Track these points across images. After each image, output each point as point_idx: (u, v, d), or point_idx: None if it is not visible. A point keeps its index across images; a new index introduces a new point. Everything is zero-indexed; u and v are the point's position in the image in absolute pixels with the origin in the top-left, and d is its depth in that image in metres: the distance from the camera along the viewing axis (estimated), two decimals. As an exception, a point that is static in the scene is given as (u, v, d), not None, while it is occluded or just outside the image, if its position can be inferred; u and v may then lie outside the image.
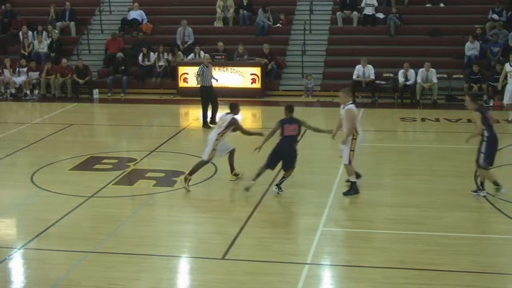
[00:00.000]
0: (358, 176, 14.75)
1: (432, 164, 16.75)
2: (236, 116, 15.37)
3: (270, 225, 12.91)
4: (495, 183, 14.23)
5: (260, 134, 15.51)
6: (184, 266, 11.39)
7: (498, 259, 11.26)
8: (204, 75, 21.18)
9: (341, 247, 11.99)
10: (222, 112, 16.03)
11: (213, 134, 15.29)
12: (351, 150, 14.29)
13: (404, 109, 24.03)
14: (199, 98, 21.40)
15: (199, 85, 21.42)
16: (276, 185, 14.63)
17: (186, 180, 14.87)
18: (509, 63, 22.08)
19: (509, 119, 21.56)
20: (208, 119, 21.11)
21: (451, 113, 21.68)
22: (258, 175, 14.50)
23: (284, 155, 14.51)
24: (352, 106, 14.37)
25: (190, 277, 10.95)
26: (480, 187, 14.26)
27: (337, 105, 14.74)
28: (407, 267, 10.80)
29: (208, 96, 21.19)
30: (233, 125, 15.19)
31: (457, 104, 23.74)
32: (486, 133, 13.84)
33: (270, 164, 14.57)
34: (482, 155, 13.92)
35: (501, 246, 11.88)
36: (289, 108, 14.72)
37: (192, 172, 14.98)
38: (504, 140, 17.73)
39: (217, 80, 22.04)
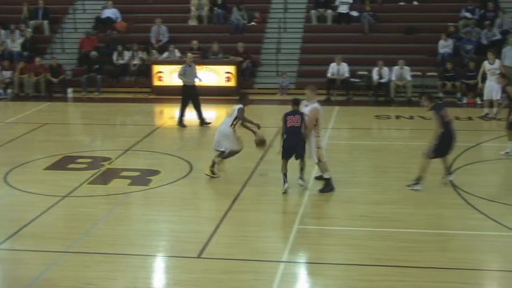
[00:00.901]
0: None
1: (407, 162, 16.82)
2: (243, 106, 15.48)
3: (246, 224, 12.91)
4: (418, 178, 14.46)
5: (257, 126, 15.50)
6: (160, 265, 11.36)
7: (472, 255, 11.34)
8: (186, 74, 21.10)
9: (316, 245, 12.01)
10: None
11: (224, 126, 15.43)
12: (317, 148, 14.31)
13: (378, 106, 24.13)
14: (178, 97, 21.32)
15: (181, 84, 21.29)
16: (299, 177, 14.68)
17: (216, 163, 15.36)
18: (487, 61, 22.19)
19: (493, 115, 21.60)
20: (187, 118, 21.01)
21: (425, 111, 21.74)
22: (285, 175, 14.42)
23: (291, 149, 14.42)
24: (317, 106, 14.39)
25: (166, 276, 10.93)
26: (417, 180, 14.54)
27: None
28: (383, 264, 10.85)
29: (190, 95, 21.10)
30: (241, 114, 15.27)
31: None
32: (440, 129, 14.36)
33: (286, 158, 14.48)
34: (432, 147, 14.40)
35: (475, 242, 11.96)
36: (294, 102, 14.72)
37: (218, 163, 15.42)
38: (477, 137, 17.92)
39: (200, 80, 21.95)
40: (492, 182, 15.73)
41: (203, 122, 21.05)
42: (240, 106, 15.48)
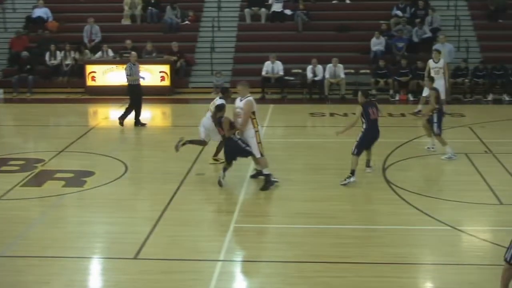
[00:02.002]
0: (260, 174, 14.89)
1: (342, 158, 16.95)
2: (223, 101, 15.61)
3: (182, 223, 12.85)
4: (352, 172, 14.85)
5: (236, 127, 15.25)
6: (96, 267, 11.23)
7: (407, 250, 11.51)
8: (132, 73, 20.87)
9: (253, 243, 12.03)
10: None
11: (206, 119, 15.82)
12: (258, 143, 14.37)
13: (313, 104, 24.32)
14: (112, 96, 21.09)
15: (127, 84, 21.03)
16: (367, 166, 15.51)
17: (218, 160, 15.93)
18: (432, 60, 22.47)
19: (415, 111, 21.94)
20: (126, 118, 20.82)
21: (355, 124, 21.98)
22: (355, 165, 14.88)
23: (376, 138, 15.16)
24: (251, 98, 14.44)
25: (103, 278, 10.80)
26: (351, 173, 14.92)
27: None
28: (319, 261, 10.93)
29: (137, 94, 20.89)
30: (220, 109, 15.15)
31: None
32: (364, 126, 15.05)
33: (367, 148, 15.31)
34: (355, 143, 15.00)
35: (410, 237, 12.14)
36: (366, 93, 15.51)
37: (218, 152, 15.97)
38: (410, 133, 18.19)
39: (143, 78, 21.73)
40: (424, 177, 16.00)
41: (139, 123, 20.81)
42: (222, 101, 15.60)
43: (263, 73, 25.44)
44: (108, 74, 26.17)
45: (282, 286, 10.26)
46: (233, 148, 14.58)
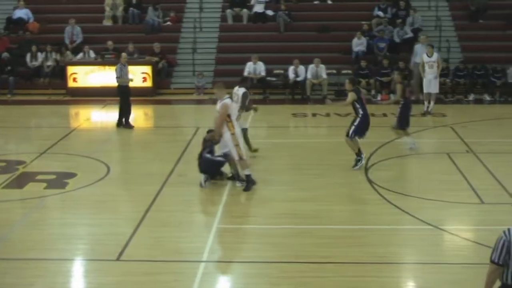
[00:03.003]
0: (221, 174, 14.99)
1: (324, 158, 17.04)
2: (245, 90, 16.20)
3: (165, 224, 12.82)
4: (358, 154, 15.83)
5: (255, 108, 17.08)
6: (78, 269, 11.18)
7: (390, 249, 11.56)
8: (123, 75, 20.77)
9: (236, 244, 12.03)
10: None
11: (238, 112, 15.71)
12: (235, 145, 14.36)
13: (295, 104, 24.35)
14: (93, 98, 20.99)
15: (116, 85, 20.92)
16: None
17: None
18: (426, 54, 22.64)
19: (428, 109, 22.15)
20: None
21: (340, 108, 22.06)
22: (360, 149, 15.83)
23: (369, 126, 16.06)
24: (227, 101, 14.41)
25: (85, 280, 10.76)
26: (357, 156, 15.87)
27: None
28: (302, 261, 10.95)
29: (126, 95, 20.82)
30: (247, 98, 16.05)
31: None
32: (361, 111, 15.82)
33: (361, 135, 16.00)
34: (353, 127, 15.86)
35: (392, 237, 12.19)
36: (354, 80, 16.71)
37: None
38: (392, 133, 18.23)
39: (132, 80, 21.67)
40: (406, 177, 16.08)
41: (122, 124, 20.73)
42: (244, 90, 16.18)
43: (245, 73, 25.42)
44: (89, 75, 26.07)
45: (265, 286, 10.27)
46: (207, 165, 14.76)
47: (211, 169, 14.76)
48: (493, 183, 14.87)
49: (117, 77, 20.69)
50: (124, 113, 20.71)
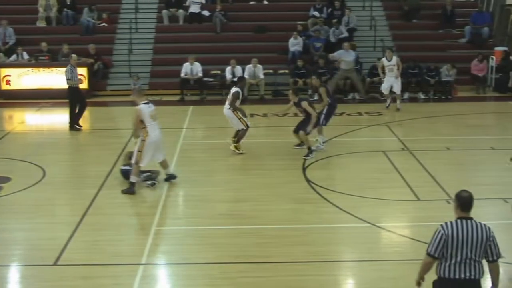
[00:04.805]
0: (172, 177, 14.85)
1: (262, 159, 17.09)
2: (237, 89, 17.23)
3: (103, 227, 12.69)
4: (310, 147, 16.80)
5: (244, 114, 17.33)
6: (14, 275, 10.98)
7: (328, 248, 11.66)
8: (73, 76, 20.42)
9: (175, 245, 11.97)
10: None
11: (225, 110, 17.28)
12: (138, 151, 14.26)
13: (232, 105, 24.28)
14: (28, 100, 20.63)
15: (67, 86, 20.53)
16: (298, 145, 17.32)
17: (238, 148, 17.20)
18: (385, 58, 22.94)
19: (397, 107, 22.46)
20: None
21: (278, 108, 22.14)
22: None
23: None
24: (140, 106, 14.25)
25: (22, 286, 10.59)
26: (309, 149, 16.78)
27: (165, 103, 14.75)
28: (242, 261, 10.96)
29: (77, 97, 20.48)
30: (236, 97, 17.07)
31: (284, 99, 24.24)
32: (330, 101, 17.58)
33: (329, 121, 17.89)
34: (323, 116, 17.43)
35: (330, 235, 12.29)
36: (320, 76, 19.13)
37: (239, 140, 17.27)
38: (329, 132, 18.39)
39: (82, 82, 21.31)
40: (344, 176, 16.20)
41: (74, 126, 20.40)
42: (236, 89, 17.21)
43: (182, 74, 25.33)
44: (23, 78, 25.61)
45: (205, 287, 10.25)
46: (125, 175, 14.87)
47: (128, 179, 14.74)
48: (428, 180, 15.12)
49: (67, 79, 20.38)
50: (74, 114, 20.40)
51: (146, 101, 14.42)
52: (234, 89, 17.29)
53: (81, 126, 20.43)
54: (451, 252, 7.43)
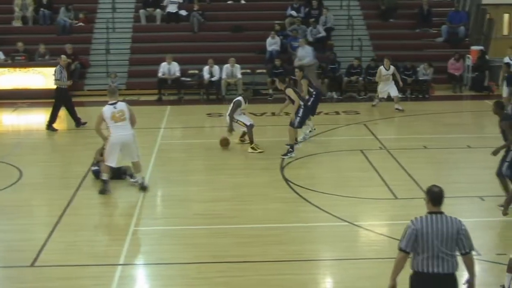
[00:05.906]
0: (143, 188, 14.63)
1: (241, 158, 17.11)
2: (240, 99, 17.70)
3: (81, 228, 12.64)
4: (292, 145, 16.90)
5: (230, 130, 17.58)
6: (-9, 277, 10.94)
7: (306, 247, 11.69)
8: (62, 77, 20.29)
9: (153, 245, 11.95)
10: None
11: (226, 117, 17.84)
12: (106, 149, 14.27)
13: (210, 105, 24.31)
14: (3, 101, 20.52)
15: (55, 87, 20.44)
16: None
17: (256, 148, 17.30)
18: (383, 67, 22.96)
19: (399, 108, 22.53)
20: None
21: (256, 107, 22.16)
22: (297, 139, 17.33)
23: None
24: (103, 108, 14.29)
25: (-2, 288, 10.55)
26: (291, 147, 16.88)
27: (144, 103, 14.71)
28: (220, 261, 10.96)
29: (64, 98, 20.36)
30: (238, 106, 17.48)
31: (262, 98, 24.39)
32: (314, 93, 18.50)
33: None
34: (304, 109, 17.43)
35: (307, 234, 12.32)
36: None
37: (251, 140, 17.47)
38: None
39: (71, 83, 21.20)
40: (321, 174, 16.25)
41: (79, 123, 20.39)
42: (238, 98, 17.74)
43: (160, 74, 25.26)
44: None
45: (183, 287, 10.25)
46: (96, 176, 14.97)
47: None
48: (406, 179, 15.19)
49: (56, 79, 20.27)
50: (56, 115, 20.27)
51: (113, 102, 14.31)
52: (236, 98, 17.84)
53: (85, 122, 20.38)
54: (422, 246, 7.54)
